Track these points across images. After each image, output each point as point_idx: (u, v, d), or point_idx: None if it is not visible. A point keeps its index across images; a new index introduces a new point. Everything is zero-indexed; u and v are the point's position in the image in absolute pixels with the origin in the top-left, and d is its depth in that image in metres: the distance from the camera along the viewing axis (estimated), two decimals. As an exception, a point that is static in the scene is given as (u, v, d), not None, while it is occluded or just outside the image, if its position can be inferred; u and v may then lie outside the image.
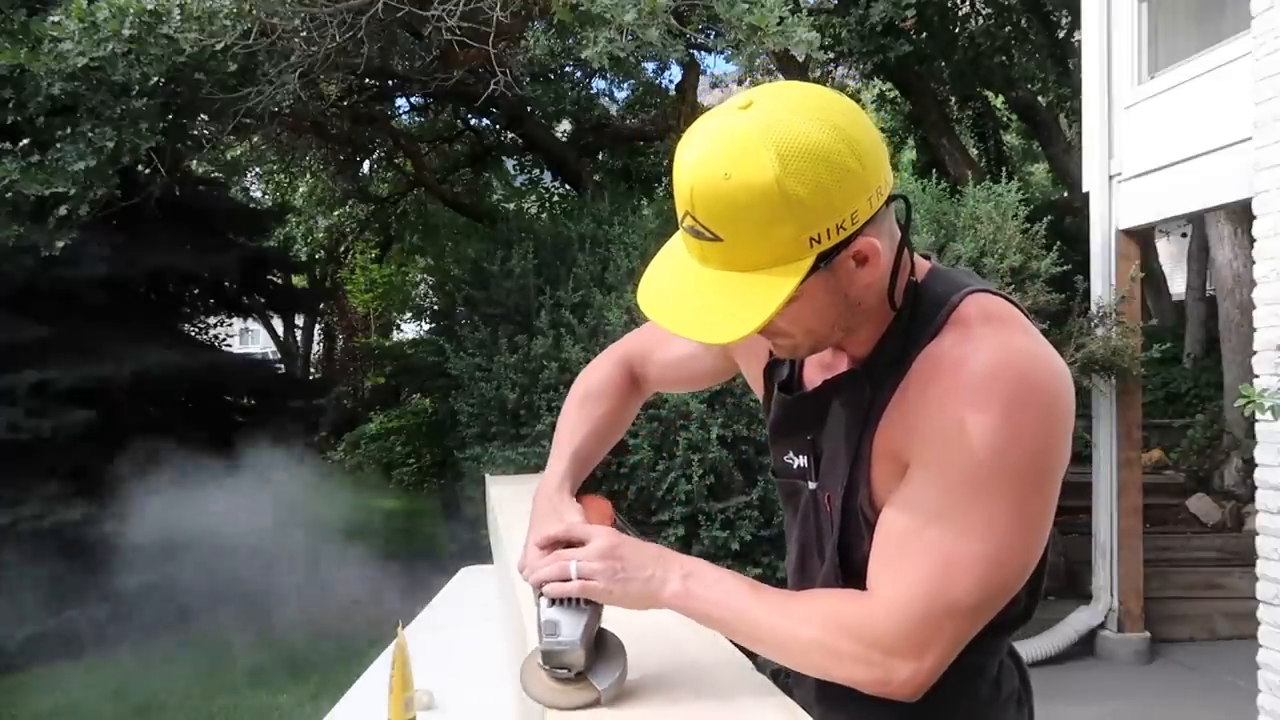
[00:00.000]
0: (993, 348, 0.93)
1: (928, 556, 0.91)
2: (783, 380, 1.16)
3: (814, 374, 1.11)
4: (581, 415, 1.27)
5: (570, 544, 1.01)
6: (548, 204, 12.11)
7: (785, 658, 1.00)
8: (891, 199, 0.94)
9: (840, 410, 1.05)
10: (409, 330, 17.78)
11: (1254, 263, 3.93)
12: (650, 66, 10.74)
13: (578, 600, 0.98)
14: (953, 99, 11.51)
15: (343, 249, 15.29)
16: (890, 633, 0.92)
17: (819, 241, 0.88)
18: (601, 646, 1.01)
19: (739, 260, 0.90)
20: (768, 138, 0.85)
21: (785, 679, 1.15)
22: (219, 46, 4.62)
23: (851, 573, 1.04)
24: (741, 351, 1.24)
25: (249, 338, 22.20)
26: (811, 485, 1.11)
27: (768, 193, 0.85)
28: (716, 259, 0.92)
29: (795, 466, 1.14)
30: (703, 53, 10.18)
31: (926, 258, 1.05)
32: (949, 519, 0.91)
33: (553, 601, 0.99)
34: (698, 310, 0.94)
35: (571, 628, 0.97)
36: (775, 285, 0.89)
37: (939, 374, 0.93)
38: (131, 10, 4.37)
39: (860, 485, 1.01)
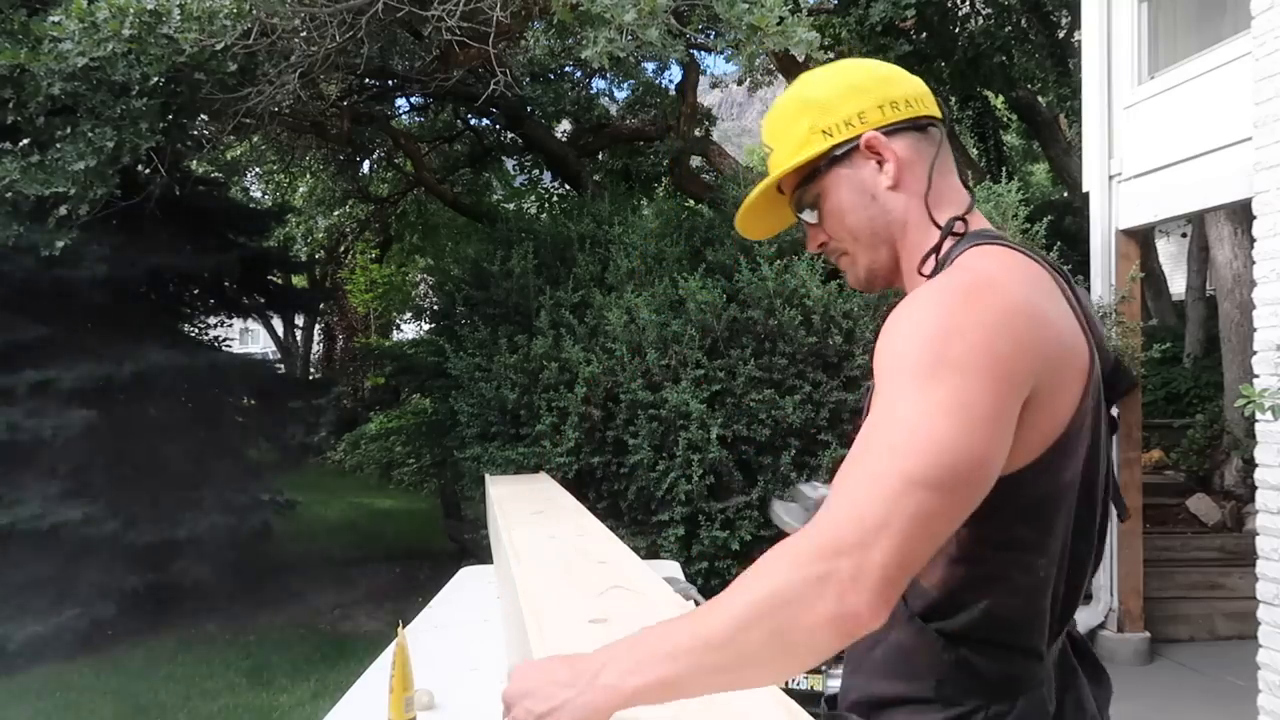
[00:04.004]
0: (943, 278, 0.96)
1: (869, 450, 0.85)
2: None
3: None
4: None
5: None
6: (548, 204, 12.11)
7: (761, 638, 0.81)
8: (931, 129, 1.07)
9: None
10: (409, 330, 17.78)
11: (1254, 263, 3.93)
12: (650, 66, 10.76)
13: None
14: (953, 99, 11.51)
15: (343, 249, 15.29)
16: (834, 528, 0.80)
17: (830, 135, 1.06)
18: None
19: (778, 160, 1.11)
20: (806, 75, 1.14)
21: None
22: (219, 46, 4.62)
23: None
24: None
25: (249, 338, 22.21)
26: None
27: (791, 97, 1.12)
28: (771, 165, 1.13)
29: None
30: (703, 53, 10.20)
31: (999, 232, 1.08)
32: (891, 410, 0.86)
33: None
34: (748, 201, 1.15)
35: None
36: (791, 163, 1.08)
37: (905, 303, 0.95)
38: (131, 10, 4.37)
39: None
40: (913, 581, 0.92)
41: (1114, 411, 1.07)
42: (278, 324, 17.39)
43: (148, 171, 5.72)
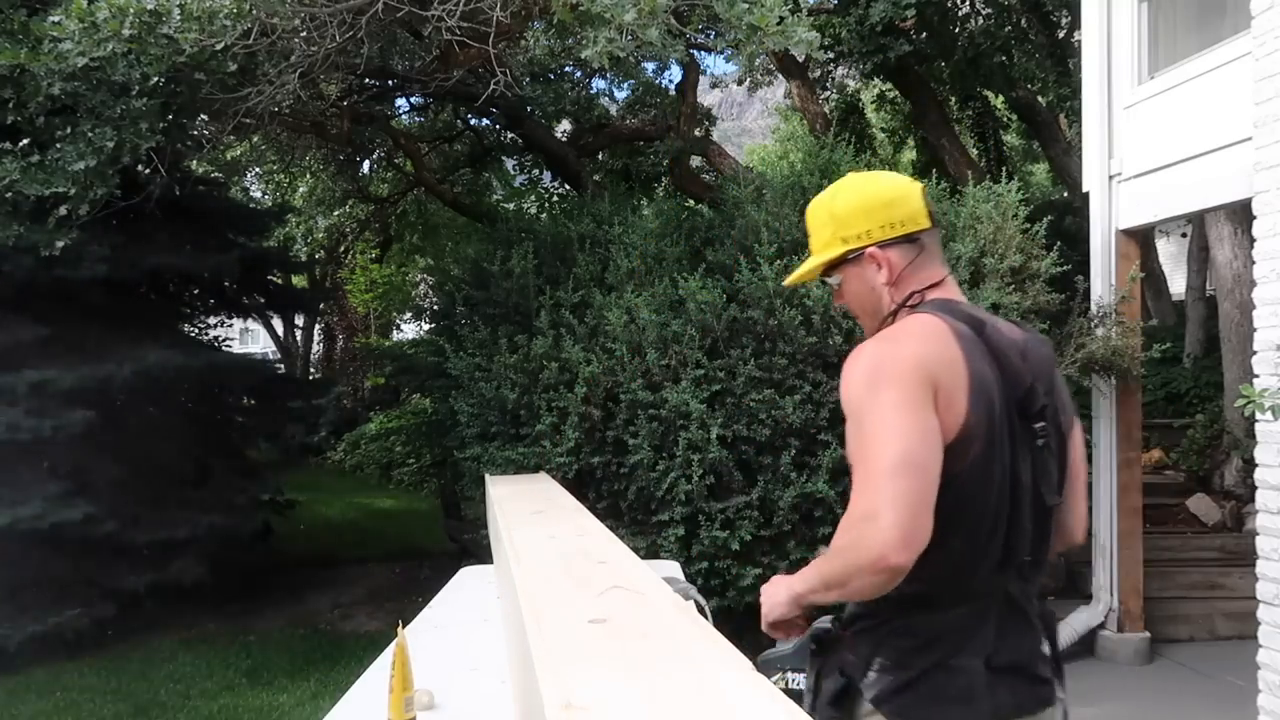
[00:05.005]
0: (868, 342, 1.52)
1: (865, 454, 1.38)
2: None
3: None
4: None
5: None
6: (548, 204, 12.11)
7: (843, 569, 1.40)
8: (912, 240, 1.58)
9: None
10: (409, 330, 17.79)
11: (1254, 263, 3.93)
12: (650, 66, 10.76)
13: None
14: (953, 99, 11.51)
15: (343, 249, 15.29)
16: (863, 505, 1.35)
17: (846, 243, 1.60)
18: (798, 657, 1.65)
19: (814, 246, 1.66)
20: (838, 185, 1.67)
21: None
22: (219, 46, 4.62)
23: None
24: None
25: (249, 338, 22.21)
26: None
27: (823, 207, 1.66)
28: (811, 247, 1.68)
29: None
30: (703, 53, 10.20)
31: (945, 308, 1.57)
32: (861, 432, 1.40)
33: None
34: (795, 273, 1.72)
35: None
36: (818, 259, 1.64)
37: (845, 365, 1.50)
38: (131, 10, 4.37)
39: None
40: None
41: (1038, 426, 1.50)
42: (278, 324, 17.40)
43: (148, 171, 5.72)
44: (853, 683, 1.47)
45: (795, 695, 1.53)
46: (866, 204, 1.58)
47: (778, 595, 1.58)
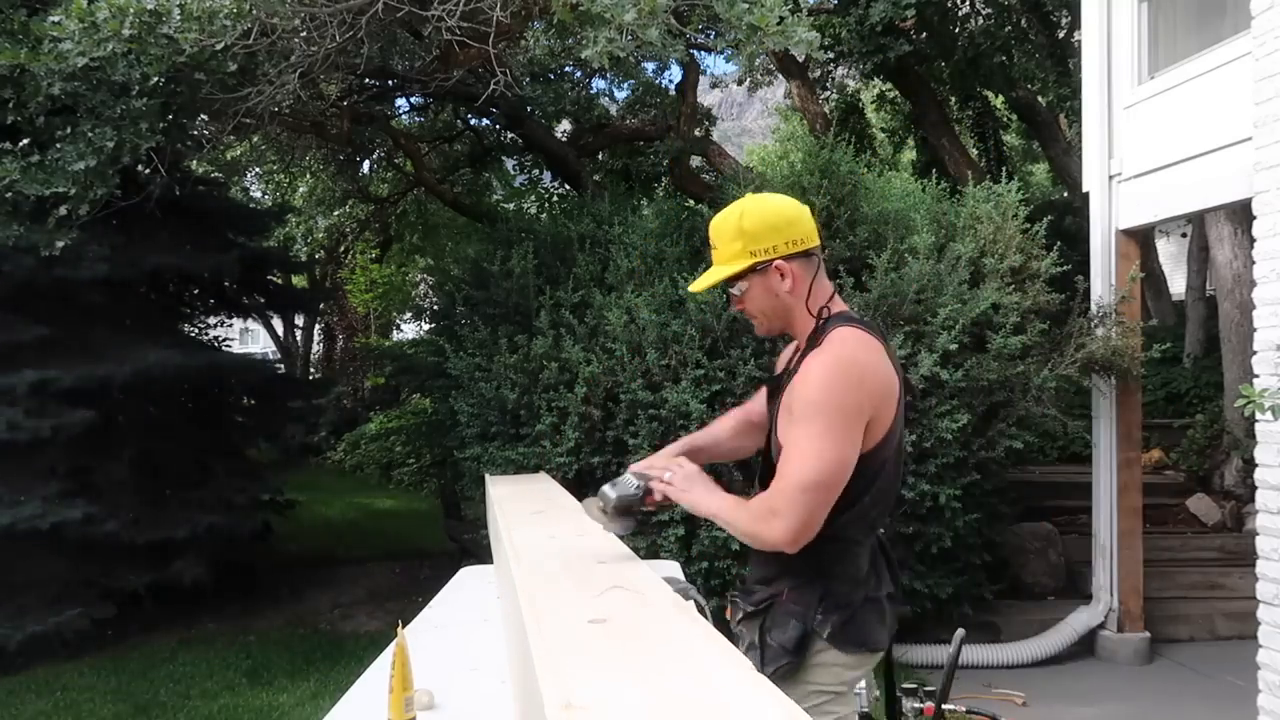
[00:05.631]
0: (828, 355, 1.73)
1: (784, 462, 1.70)
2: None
3: (779, 369, 2.00)
4: (705, 428, 2.20)
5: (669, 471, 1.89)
6: (548, 204, 12.10)
7: (741, 532, 1.77)
8: (813, 255, 1.84)
9: (779, 393, 1.87)
10: (409, 330, 17.79)
11: (1254, 263, 3.93)
12: (650, 66, 10.76)
13: (642, 484, 1.88)
14: (953, 99, 11.51)
15: (343, 249, 15.29)
16: (775, 503, 1.69)
17: (754, 255, 1.81)
18: (627, 515, 1.89)
19: (719, 258, 1.87)
20: (742, 203, 1.85)
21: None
22: (219, 46, 4.62)
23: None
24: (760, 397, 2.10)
25: (249, 338, 22.22)
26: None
27: (731, 224, 1.83)
28: (715, 258, 1.89)
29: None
30: (703, 53, 10.20)
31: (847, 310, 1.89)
32: (793, 438, 1.70)
33: (636, 477, 1.89)
34: (699, 280, 1.93)
35: (628, 490, 1.88)
36: (725, 270, 1.84)
37: (804, 367, 1.76)
38: (131, 10, 4.36)
39: (777, 436, 1.83)
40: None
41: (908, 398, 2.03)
42: (278, 324, 17.41)
43: (148, 171, 5.72)
44: (807, 626, 1.76)
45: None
46: (773, 221, 1.79)
47: (695, 493, 1.84)
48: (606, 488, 1.88)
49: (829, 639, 1.77)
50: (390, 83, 8.60)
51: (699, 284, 1.91)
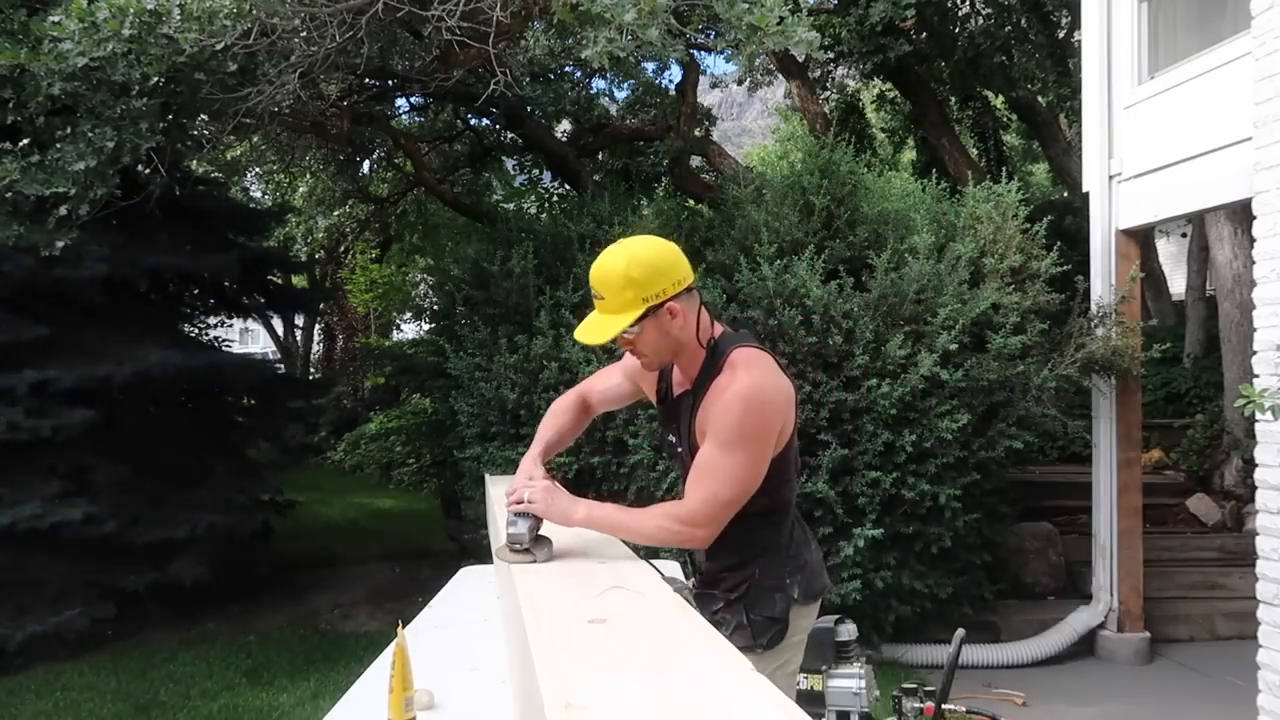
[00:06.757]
0: (740, 381, 1.85)
1: (707, 478, 1.87)
2: (661, 396, 2.15)
3: (676, 390, 2.09)
4: (551, 421, 2.22)
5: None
6: (548, 204, 12.10)
7: (641, 539, 1.92)
8: (693, 289, 1.95)
9: (685, 411, 2.02)
10: (409, 330, 17.78)
11: (1254, 263, 3.93)
12: (650, 66, 10.75)
13: (527, 514, 1.84)
14: (953, 99, 11.50)
15: (343, 249, 15.29)
16: (690, 515, 1.88)
17: (647, 301, 1.86)
18: (540, 540, 1.84)
19: (610, 307, 1.90)
20: (624, 252, 1.89)
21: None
22: (219, 46, 4.61)
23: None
24: (641, 379, 2.20)
25: (249, 338, 22.22)
26: (680, 449, 2.09)
27: (619, 273, 1.86)
28: (603, 308, 1.92)
29: (670, 440, 2.18)
30: (703, 53, 10.20)
31: (728, 325, 2.07)
32: (716, 460, 1.85)
33: (517, 514, 1.85)
34: (591, 331, 1.93)
35: (523, 525, 1.83)
36: (623, 319, 1.88)
37: (718, 393, 1.88)
38: (131, 10, 4.36)
39: (692, 447, 1.96)
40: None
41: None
42: (278, 324, 17.40)
43: (148, 171, 5.72)
44: (787, 593, 2.02)
45: (799, 695, 2.03)
46: (659, 265, 1.88)
47: (558, 506, 1.89)
48: (508, 530, 1.85)
49: (799, 598, 2.04)
50: (390, 83, 8.60)
51: (596, 336, 1.91)
